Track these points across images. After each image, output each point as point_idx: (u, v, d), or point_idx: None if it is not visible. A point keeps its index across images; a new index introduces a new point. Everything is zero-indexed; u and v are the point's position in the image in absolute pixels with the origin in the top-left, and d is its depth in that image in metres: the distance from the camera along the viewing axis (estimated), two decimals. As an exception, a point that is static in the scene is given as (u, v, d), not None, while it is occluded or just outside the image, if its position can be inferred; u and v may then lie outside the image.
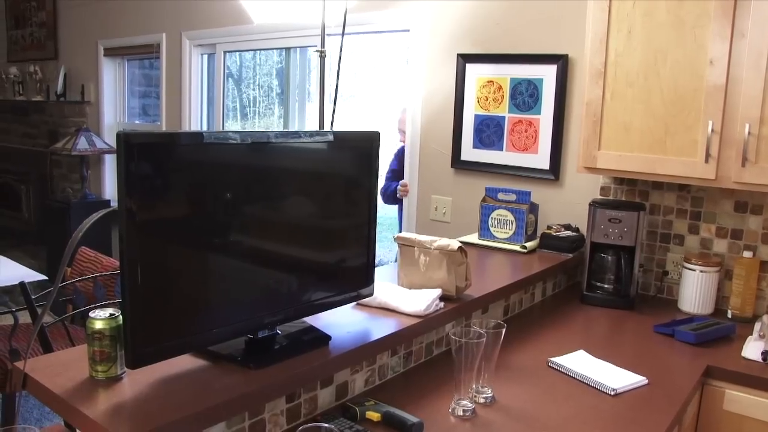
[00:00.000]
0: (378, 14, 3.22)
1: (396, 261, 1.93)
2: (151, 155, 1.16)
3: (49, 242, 5.12)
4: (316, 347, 1.47)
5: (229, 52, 4.21)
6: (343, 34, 2.56)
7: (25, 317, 3.05)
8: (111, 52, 5.02)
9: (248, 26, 3.77)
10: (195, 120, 4.30)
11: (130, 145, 1.12)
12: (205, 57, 4.34)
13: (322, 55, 2.55)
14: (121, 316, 1.25)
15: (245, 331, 1.40)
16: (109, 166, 5.17)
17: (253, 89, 4.75)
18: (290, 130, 2.68)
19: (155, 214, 1.18)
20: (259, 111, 4.79)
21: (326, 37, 2.70)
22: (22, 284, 1.74)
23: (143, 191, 1.15)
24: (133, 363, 1.18)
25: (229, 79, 4.61)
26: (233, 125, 4.64)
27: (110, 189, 5.18)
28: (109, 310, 1.26)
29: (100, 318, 1.23)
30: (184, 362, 1.35)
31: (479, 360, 1.49)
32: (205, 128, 4.34)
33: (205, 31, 4.16)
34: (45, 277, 2.88)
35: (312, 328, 1.54)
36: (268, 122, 4.72)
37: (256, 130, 4.07)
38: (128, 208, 1.12)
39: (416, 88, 3.17)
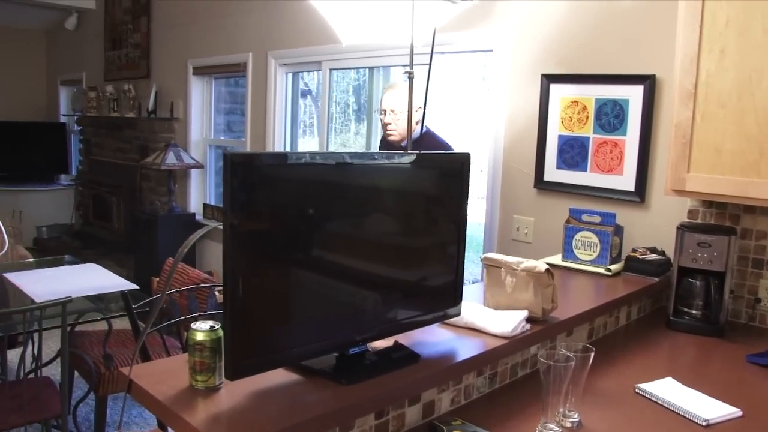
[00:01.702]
0: (462, 34, 3.24)
1: (477, 281, 1.94)
2: (254, 174, 1.20)
3: (137, 252, 5.34)
4: (406, 365, 1.49)
5: (319, 71, 4.33)
6: (432, 53, 2.59)
7: (118, 324, 3.20)
8: (199, 71, 5.22)
9: (334, 46, 3.85)
10: (279, 137, 4.42)
11: (235, 164, 1.17)
12: (290, 75, 4.45)
13: (411, 76, 2.59)
14: (221, 329, 1.30)
15: (337, 347, 1.43)
16: (195, 181, 5.36)
17: (330, 106, 4.83)
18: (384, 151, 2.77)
19: (256, 230, 1.23)
20: (335, 127, 4.88)
21: (411, 56, 2.74)
22: (124, 294, 1.84)
23: (246, 209, 1.20)
24: (232, 375, 1.23)
25: (307, 96, 4.73)
26: (310, 141, 4.74)
27: (195, 203, 5.36)
28: (210, 323, 1.32)
29: (202, 330, 1.29)
30: (278, 376, 1.39)
31: (567, 383, 1.48)
32: (288, 145, 4.45)
33: (290, 51, 4.28)
34: (136, 287, 3.00)
35: (401, 346, 1.57)
36: (345, 138, 4.80)
37: (349, 150, 4.16)
38: (232, 224, 1.17)
39: (499, 108, 3.18)
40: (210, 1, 5.03)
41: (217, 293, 2.64)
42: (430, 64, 2.60)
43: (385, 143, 3.31)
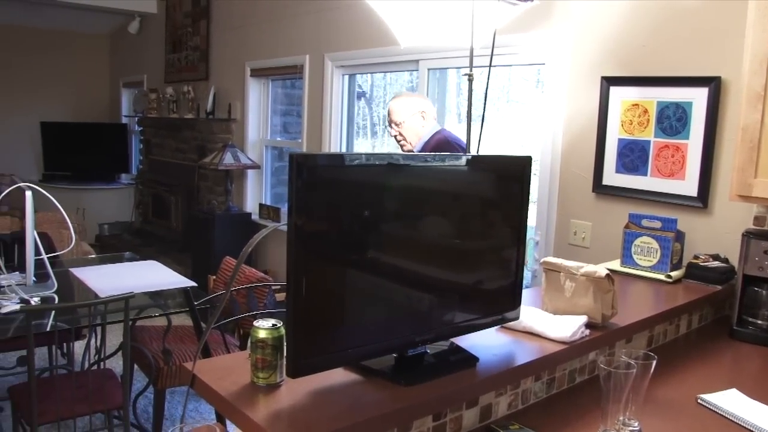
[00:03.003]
0: (521, 36, 3.22)
1: (527, 286, 1.93)
2: (318, 175, 1.22)
3: (193, 250, 5.45)
4: (464, 368, 1.49)
5: (367, 73, 4.36)
6: (492, 55, 2.58)
7: (175, 320, 3.27)
8: (257, 73, 5.30)
9: (390, 48, 3.87)
10: (335, 138, 4.45)
11: (300, 165, 1.18)
12: (346, 77, 4.49)
13: (470, 78, 2.58)
14: (282, 327, 1.32)
15: (396, 348, 1.44)
16: (251, 181, 5.44)
17: (384, 108, 4.86)
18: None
19: (319, 231, 1.25)
20: (388, 129, 4.89)
21: (471, 58, 2.73)
22: (186, 291, 1.89)
23: (310, 209, 1.21)
24: (294, 373, 1.25)
25: (361, 98, 4.75)
26: (363, 143, 4.76)
27: (251, 202, 5.44)
28: (272, 320, 1.34)
29: (264, 328, 1.31)
30: (338, 375, 1.40)
31: (627, 391, 1.46)
32: (344, 146, 4.49)
33: (347, 53, 4.31)
34: (195, 284, 3.06)
35: (459, 349, 1.57)
36: (397, 140, 4.81)
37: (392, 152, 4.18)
38: (296, 225, 1.19)
39: (556, 111, 3.14)
40: (268, 5, 5.10)
41: (275, 292, 2.68)
42: (489, 67, 2.59)
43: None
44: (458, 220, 1.56)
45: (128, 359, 2.80)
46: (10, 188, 3.21)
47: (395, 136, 3.19)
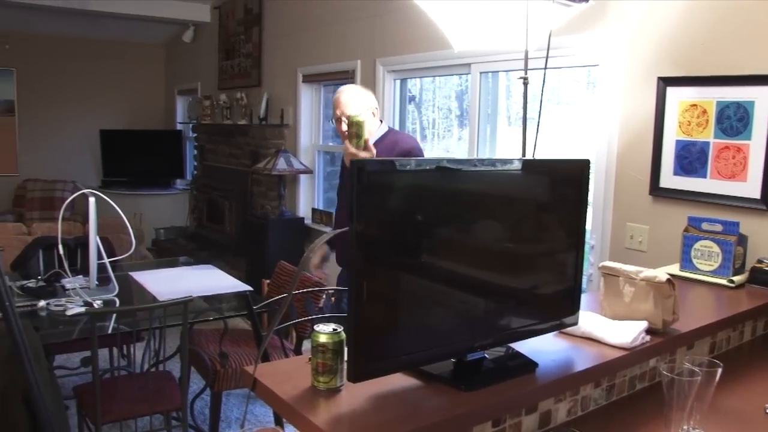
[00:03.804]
0: (574, 38, 3.18)
1: (586, 290, 1.90)
2: (380, 180, 1.23)
3: (247, 255, 5.53)
4: (523, 373, 1.48)
5: (418, 77, 4.36)
6: (547, 57, 2.56)
7: (231, 323, 3.32)
8: (309, 79, 5.36)
9: (442, 52, 3.87)
10: (386, 143, 4.47)
11: (361, 171, 1.20)
12: (398, 82, 4.50)
13: (525, 82, 2.57)
14: (343, 332, 1.33)
15: (456, 353, 1.44)
16: (304, 186, 5.50)
17: (433, 111, 4.85)
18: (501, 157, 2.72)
19: (381, 236, 1.26)
20: (438, 133, 4.89)
21: (526, 61, 2.72)
22: (245, 295, 1.93)
23: (372, 215, 1.22)
24: (355, 377, 1.26)
25: (411, 102, 4.76)
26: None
27: (304, 207, 5.50)
28: (333, 325, 1.35)
29: (325, 332, 1.33)
30: (397, 380, 1.41)
31: (691, 399, 1.43)
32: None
33: (398, 58, 4.32)
34: (251, 289, 3.11)
35: (518, 354, 1.56)
36: (448, 144, 4.80)
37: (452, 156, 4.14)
38: (358, 230, 1.20)
39: (611, 113, 3.10)
40: (320, 11, 5.16)
41: (331, 296, 2.70)
42: (545, 69, 2.57)
43: None
44: (514, 225, 1.55)
45: (186, 362, 2.86)
46: (75, 195, 3.32)
47: (345, 131, 2.91)
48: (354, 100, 2.94)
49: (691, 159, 2.82)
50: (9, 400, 2.35)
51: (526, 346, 1.63)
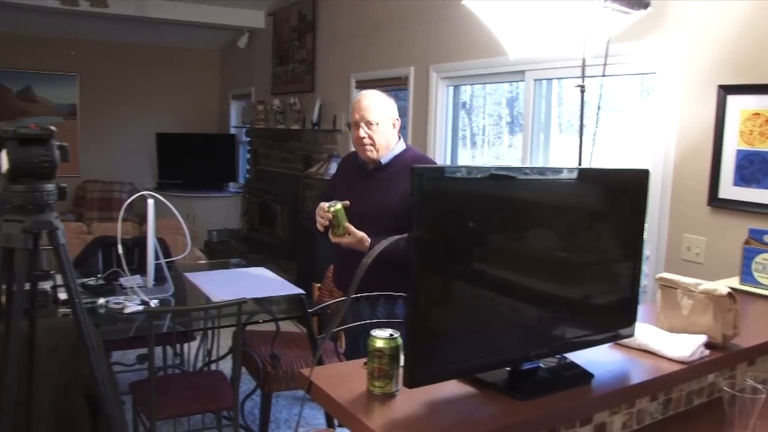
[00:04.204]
0: (630, 45, 3.14)
1: (641, 302, 1.87)
2: (440, 187, 1.24)
3: (298, 258, 5.59)
4: (578, 384, 1.47)
5: (472, 84, 4.36)
6: (605, 65, 2.54)
7: (283, 326, 3.36)
8: (361, 85, 5.40)
9: (495, 59, 3.86)
10: (439, 149, 4.47)
11: (422, 177, 1.21)
12: (451, 89, 4.50)
13: (582, 90, 2.55)
14: (399, 337, 1.34)
15: (511, 361, 1.44)
16: (355, 191, 5.53)
17: (483, 118, 4.83)
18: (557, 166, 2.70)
19: (439, 243, 1.26)
20: (488, 139, 4.87)
21: (583, 68, 2.70)
22: (300, 299, 1.96)
23: (431, 221, 1.23)
24: (411, 383, 1.27)
25: (461, 108, 4.75)
26: (463, 153, 4.75)
27: (354, 212, 5.53)
28: (389, 330, 1.37)
29: (381, 337, 1.34)
30: (452, 387, 1.41)
31: (755, 418, 1.40)
32: (448, 157, 4.50)
33: (452, 64, 4.33)
34: (303, 292, 3.15)
35: (573, 364, 1.55)
36: (498, 151, 4.78)
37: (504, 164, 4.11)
38: (417, 237, 1.21)
39: (668, 121, 3.04)
40: (374, 18, 5.19)
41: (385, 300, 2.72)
42: (603, 77, 2.55)
43: (355, 161, 2.85)
44: (570, 234, 1.54)
45: (239, 362, 2.91)
46: (134, 196, 3.41)
47: (361, 138, 2.66)
48: (378, 105, 2.69)
49: (753, 169, 2.75)
50: (71, 395, 2.43)
51: (581, 357, 1.62)
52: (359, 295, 2.22)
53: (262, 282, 3.46)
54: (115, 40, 8.13)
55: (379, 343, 1.33)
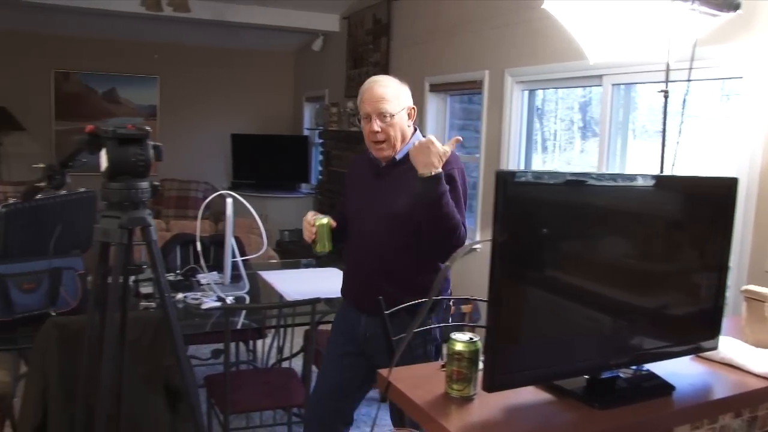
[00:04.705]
0: (715, 48, 3.04)
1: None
2: (523, 191, 1.24)
3: (368, 260, 5.62)
4: (659, 396, 1.44)
5: (548, 89, 4.31)
6: (690, 69, 2.47)
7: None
8: (435, 88, 5.41)
9: (573, 63, 3.80)
10: (513, 154, 4.44)
11: (505, 182, 1.21)
12: (526, 93, 4.46)
13: (666, 95, 2.49)
14: (479, 341, 1.35)
15: (590, 370, 1.42)
16: (426, 194, 5.53)
17: (554, 122, 4.77)
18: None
19: (520, 248, 1.26)
20: (560, 145, 4.80)
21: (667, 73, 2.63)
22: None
23: (513, 226, 1.23)
24: (490, 387, 1.27)
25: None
26: (534, 158, 4.69)
27: (426, 215, 5.53)
28: (469, 334, 1.37)
29: (461, 341, 1.35)
30: (529, 393, 1.41)
31: None
32: (522, 163, 4.46)
33: (527, 68, 4.28)
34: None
35: (653, 375, 1.52)
36: (569, 156, 4.70)
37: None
38: (499, 241, 1.21)
39: (755, 128, 2.94)
40: (449, 21, 5.19)
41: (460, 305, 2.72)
42: (688, 81, 2.48)
43: (367, 159, 2.53)
44: (652, 242, 1.51)
45: (311, 360, 2.95)
46: (213, 195, 3.51)
47: (375, 132, 2.34)
48: (393, 94, 2.35)
49: None
50: (151, 385, 2.52)
51: (661, 368, 1.58)
52: (441, 297, 2.22)
53: (335, 283, 3.50)
54: (194, 44, 8.38)
55: (459, 347, 1.34)
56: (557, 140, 4.80)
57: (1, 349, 2.85)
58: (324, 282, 3.52)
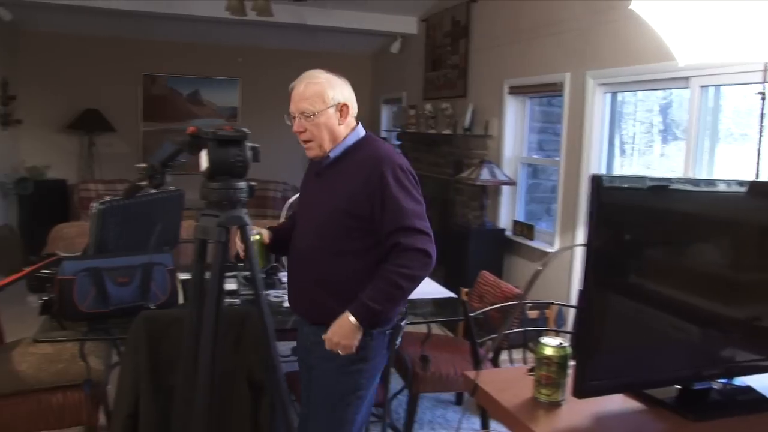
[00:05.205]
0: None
1: None
2: (617, 197, 1.23)
3: (447, 263, 5.62)
4: (755, 410, 1.40)
5: (631, 91, 4.22)
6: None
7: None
8: (515, 91, 5.36)
9: (658, 65, 3.71)
10: (594, 157, 4.36)
11: (600, 187, 1.20)
12: (608, 96, 4.37)
13: (763, 97, 2.41)
14: (568, 346, 1.34)
15: (683, 380, 1.39)
16: (506, 197, 5.50)
17: (633, 125, 4.65)
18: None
19: (611, 254, 1.25)
20: (638, 148, 4.68)
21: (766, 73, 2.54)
22: (463, 302, 1.99)
23: (606, 231, 1.22)
24: (580, 393, 1.26)
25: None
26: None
27: (505, 219, 5.50)
28: (558, 339, 1.36)
29: (551, 345, 1.34)
30: (618, 400, 1.39)
31: None
32: (604, 167, 4.37)
33: (610, 70, 4.20)
34: (455, 295, 3.18)
35: (750, 389, 1.47)
36: (648, 160, 4.57)
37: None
38: (592, 246, 1.21)
39: None
40: (529, 23, 5.14)
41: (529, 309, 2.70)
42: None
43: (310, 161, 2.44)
44: (748, 251, 1.47)
45: (391, 361, 2.97)
46: (296, 196, 3.58)
47: (299, 133, 2.29)
48: (315, 91, 2.24)
49: None
50: (236, 380, 2.59)
51: (756, 381, 1.53)
52: (532, 301, 2.20)
53: (420, 286, 3.51)
54: (274, 46, 8.57)
55: (549, 351, 1.34)
56: (636, 143, 4.69)
57: (96, 339, 2.97)
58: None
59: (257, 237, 2.22)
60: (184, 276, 3.24)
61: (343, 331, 2.09)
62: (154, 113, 8.52)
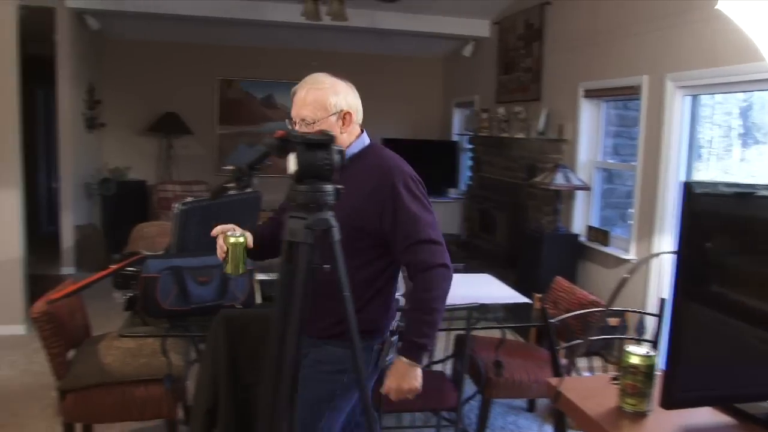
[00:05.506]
0: None
1: None
2: (713, 207, 1.20)
3: (520, 267, 5.58)
4: None
5: (713, 94, 4.09)
6: None
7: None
8: (590, 94, 5.27)
9: (745, 66, 3.58)
10: (672, 162, 4.24)
11: (694, 194, 1.18)
12: (688, 99, 4.25)
13: None
14: (655, 356, 1.32)
15: (776, 394, 1.36)
16: (580, 202, 5.41)
17: (711, 129, 4.50)
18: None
19: (704, 263, 1.22)
20: (716, 153, 4.52)
21: None
22: (543, 308, 1.99)
23: (698, 240, 1.20)
24: (668, 404, 1.24)
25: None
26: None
27: (579, 224, 5.41)
28: (645, 348, 1.34)
29: (638, 354, 1.32)
30: (706, 414, 1.36)
31: None
32: (683, 173, 4.25)
33: (690, 72, 4.08)
34: (529, 300, 3.15)
35: None
36: (726, 165, 4.41)
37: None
38: (683, 254, 1.19)
39: None
40: (606, 25, 5.05)
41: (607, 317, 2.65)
42: None
43: None
44: None
45: (466, 365, 2.98)
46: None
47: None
48: (316, 98, 2.12)
49: None
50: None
51: None
52: (614, 308, 2.17)
53: (488, 288, 3.52)
54: (346, 50, 8.67)
55: (635, 360, 1.32)
56: (713, 148, 4.54)
57: (177, 336, 3.08)
58: (478, 287, 3.53)
59: (241, 239, 2.09)
60: (261, 276, 3.32)
61: (401, 375, 2.06)
62: (229, 116, 8.74)
